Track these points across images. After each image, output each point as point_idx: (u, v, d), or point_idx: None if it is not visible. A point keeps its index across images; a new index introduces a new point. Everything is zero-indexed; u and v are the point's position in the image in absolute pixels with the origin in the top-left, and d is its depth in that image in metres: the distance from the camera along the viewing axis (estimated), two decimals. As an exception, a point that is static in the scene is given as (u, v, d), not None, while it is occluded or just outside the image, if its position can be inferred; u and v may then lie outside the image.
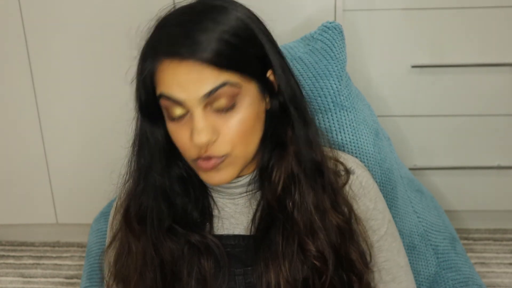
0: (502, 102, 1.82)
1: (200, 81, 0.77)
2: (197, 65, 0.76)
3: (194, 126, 0.77)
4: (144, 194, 0.88)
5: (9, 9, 1.74)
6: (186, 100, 0.77)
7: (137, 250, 0.88)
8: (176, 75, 0.77)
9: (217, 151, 0.79)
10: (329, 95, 1.11)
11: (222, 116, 0.79)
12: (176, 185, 0.88)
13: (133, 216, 0.88)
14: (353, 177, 0.93)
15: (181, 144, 0.81)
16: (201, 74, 0.77)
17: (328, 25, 1.17)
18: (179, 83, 0.77)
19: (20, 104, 1.85)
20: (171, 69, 0.78)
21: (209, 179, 0.83)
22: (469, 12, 1.71)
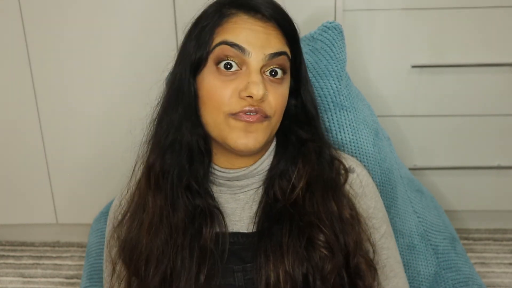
0: (502, 102, 1.82)
1: (269, 41, 0.83)
2: (274, 28, 0.84)
3: (253, 79, 0.81)
4: (170, 149, 0.88)
5: (9, 9, 1.74)
6: (252, 53, 0.82)
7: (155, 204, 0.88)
8: (251, 29, 0.82)
9: (264, 107, 0.83)
10: (329, 95, 1.11)
11: (271, 84, 0.84)
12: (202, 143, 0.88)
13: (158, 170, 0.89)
14: (353, 176, 0.94)
15: (221, 99, 0.82)
16: (272, 35, 0.83)
17: (328, 25, 1.17)
18: (251, 35, 0.82)
19: (20, 104, 1.85)
20: (247, 22, 0.83)
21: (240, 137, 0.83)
22: (469, 12, 1.71)
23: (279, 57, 0.83)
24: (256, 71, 0.82)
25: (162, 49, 1.75)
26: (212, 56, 0.83)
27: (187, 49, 0.86)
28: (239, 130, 0.83)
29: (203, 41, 0.84)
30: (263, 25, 0.83)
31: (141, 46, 1.76)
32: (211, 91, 0.83)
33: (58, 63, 1.79)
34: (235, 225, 0.92)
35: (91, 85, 1.81)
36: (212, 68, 0.83)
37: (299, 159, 0.90)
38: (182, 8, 1.71)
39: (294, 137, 0.91)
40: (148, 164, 0.91)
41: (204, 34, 0.84)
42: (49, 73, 1.81)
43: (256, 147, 0.84)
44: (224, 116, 0.83)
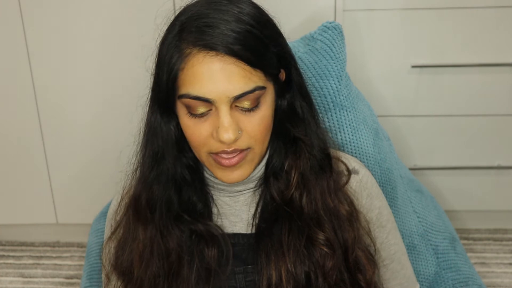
0: (502, 102, 1.81)
1: (232, 81, 0.78)
2: (231, 61, 0.77)
3: (221, 124, 0.79)
4: (155, 182, 0.88)
5: (9, 9, 1.74)
6: (216, 100, 0.78)
7: (145, 237, 0.89)
8: (208, 71, 0.77)
9: (241, 145, 0.82)
10: (329, 95, 1.11)
11: (246, 114, 0.81)
12: (187, 173, 0.89)
13: (144, 203, 0.89)
14: (357, 177, 0.94)
15: (198, 140, 0.82)
16: (233, 74, 0.78)
17: (328, 25, 1.17)
18: (210, 81, 0.77)
19: (20, 104, 1.85)
20: (203, 64, 0.77)
21: (225, 176, 0.84)
22: (469, 12, 1.71)
23: (246, 96, 0.79)
24: (224, 114, 0.79)
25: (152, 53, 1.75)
26: (180, 102, 0.81)
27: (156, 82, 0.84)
28: (223, 169, 0.84)
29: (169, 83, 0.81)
30: (221, 63, 0.77)
31: (142, 46, 1.76)
32: (188, 132, 0.83)
33: (58, 63, 1.79)
34: (235, 226, 0.92)
35: (91, 85, 1.81)
36: (183, 109, 0.82)
37: (290, 157, 0.90)
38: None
39: (285, 136, 0.90)
40: (134, 196, 0.91)
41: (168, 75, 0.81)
42: (49, 73, 1.81)
43: (245, 178, 0.85)
44: (205, 154, 0.84)
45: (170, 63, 0.80)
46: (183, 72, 0.79)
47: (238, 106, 0.80)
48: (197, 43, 0.78)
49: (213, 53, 0.77)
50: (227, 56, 0.77)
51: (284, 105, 0.88)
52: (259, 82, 0.80)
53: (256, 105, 0.81)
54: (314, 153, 0.90)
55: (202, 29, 0.78)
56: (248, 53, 0.78)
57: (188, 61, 0.78)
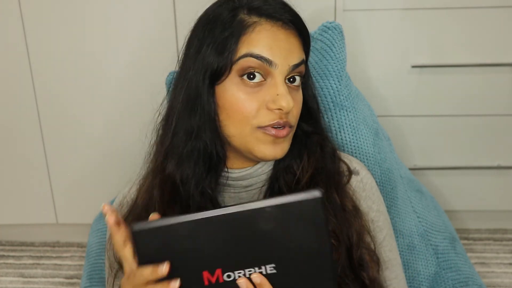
0: (502, 102, 1.82)
1: (292, 51, 0.83)
2: (294, 35, 0.84)
3: (280, 92, 0.81)
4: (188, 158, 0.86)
5: (9, 9, 1.74)
6: (278, 65, 0.81)
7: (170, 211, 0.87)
8: (275, 39, 0.82)
9: (291, 119, 0.84)
10: (329, 95, 1.11)
11: (291, 92, 0.84)
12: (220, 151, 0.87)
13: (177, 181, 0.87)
14: (357, 178, 0.94)
15: (250, 111, 0.81)
16: (294, 44, 0.84)
17: (328, 25, 1.17)
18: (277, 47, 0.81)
19: (20, 105, 1.85)
20: (271, 32, 0.82)
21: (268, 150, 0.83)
22: (469, 12, 1.71)
23: (300, 66, 0.84)
24: (282, 83, 0.81)
25: (163, 50, 1.75)
26: (236, 67, 0.81)
27: (204, 56, 0.83)
28: (268, 143, 0.83)
29: (226, 51, 0.81)
30: (285, 33, 0.83)
31: (143, 47, 1.76)
32: (236, 104, 0.82)
33: (58, 63, 1.79)
34: None
35: (91, 85, 1.81)
36: (235, 79, 0.81)
37: (304, 153, 0.91)
38: (182, 10, 1.71)
39: (299, 131, 0.91)
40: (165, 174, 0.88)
41: (226, 44, 0.81)
42: (49, 73, 1.81)
43: (283, 155, 0.86)
44: (252, 129, 0.82)
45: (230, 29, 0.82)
46: (246, 36, 0.81)
47: (287, 83, 0.84)
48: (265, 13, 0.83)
49: (280, 23, 0.83)
50: (291, 29, 0.84)
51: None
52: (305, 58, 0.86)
53: (299, 84, 0.86)
54: (325, 149, 0.92)
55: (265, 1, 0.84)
56: (305, 30, 0.86)
57: (254, 28, 0.82)
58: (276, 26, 0.82)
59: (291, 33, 0.84)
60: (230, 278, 0.68)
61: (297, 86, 0.85)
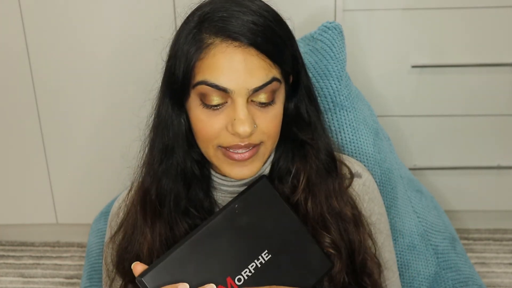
0: (502, 102, 1.82)
1: (252, 73, 0.77)
2: (253, 53, 0.77)
3: (238, 116, 0.77)
4: (165, 175, 0.87)
5: (9, 9, 1.74)
6: (235, 90, 0.77)
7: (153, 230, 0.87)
8: (231, 62, 0.77)
9: (254, 140, 0.81)
10: (329, 95, 1.11)
11: (261, 110, 0.80)
12: (196, 168, 0.87)
13: (154, 197, 0.88)
14: (360, 181, 0.94)
15: (210, 133, 0.81)
16: (254, 65, 0.77)
17: (328, 25, 1.17)
18: (233, 71, 0.77)
19: (20, 104, 1.85)
20: (226, 54, 0.77)
21: (234, 171, 0.83)
22: (469, 12, 1.71)
23: (265, 87, 0.78)
24: (241, 106, 0.78)
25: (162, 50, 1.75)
26: (195, 91, 0.80)
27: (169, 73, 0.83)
28: (232, 165, 0.82)
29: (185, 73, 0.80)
30: (242, 53, 0.77)
31: (143, 47, 1.76)
32: (198, 125, 0.81)
33: (58, 62, 1.79)
34: None
35: (91, 85, 1.81)
36: (197, 100, 0.80)
37: (298, 161, 0.90)
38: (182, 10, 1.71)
39: (292, 139, 0.90)
40: (143, 188, 0.89)
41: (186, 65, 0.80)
42: (49, 73, 1.81)
43: (253, 175, 0.84)
44: (214, 148, 0.82)
45: (188, 53, 0.79)
46: (202, 61, 0.78)
47: (254, 101, 0.79)
48: (221, 33, 0.77)
49: (237, 44, 0.77)
50: (250, 47, 0.77)
51: (291, 108, 0.88)
52: (277, 75, 0.80)
53: (272, 100, 0.81)
54: (320, 157, 0.90)
55: (225, 19, 0.78)
56: (270, 47, 0.78)
57: (209, 51, 0.78)
58: (231, 46, 0.77)
59: (251, 53, 0.77)
60: (241, 281, 0.73)
61: (267, 104, 0.81)
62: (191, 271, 0.71)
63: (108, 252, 0.95)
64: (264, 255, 0.74)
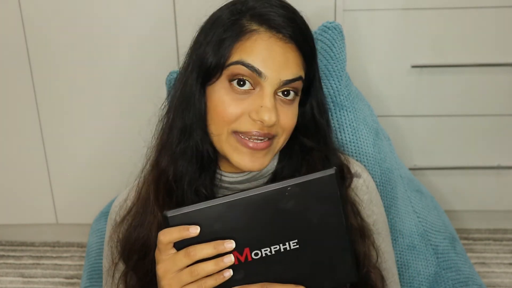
0: (502, 102, 1.82)
1: (287, 65, 0.81)
2: (293, 49, 0.81)
3: (265, 104, 0.79)
4: (182, 156, 0.87)
5: (9, 9, 1.74)
6: (268, 77, 0.79)
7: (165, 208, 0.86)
8: (271, 51, 0.80)
9: (272, 130, 0.82)
10: (329, 95, 1.11)
11: (282, 105, 0.83)
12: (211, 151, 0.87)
13: (170, 177, 0.87)
14: (359, 182, 0.94)
15: (230, 115, 0.81)
16: (290, 58, 0.81)
17: (328, 25, 1.17)
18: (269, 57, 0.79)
19: (20, 104, 1.85)
20: (267, 43, 0.80)
21: (244, 161, 0.83)
22: (469, 12, 1.71)
23: (294, 82, 0.82)
24: (269, 95, 0.80)
25: (164, 50, 1.75)
26: (227, 72, 0.81)
27: (200, 55, 0.84)
28: (245, 154, 0.82)
29: (220, 54, 0.81)
30: (283, 46, 0.81)
31: (143, 47, 1.76)
32: (220, 107, 0.81)
33: (58, 62, 1.79)
34: None
35: (91, 85, 1.82)
36: (225, 83, 0.81)
37: (303, 168, 0.89)
38: (182, 10, 1.71)
39: (298, 146, 0.90)
40: (159, 169, 0.89)
41: (221, 46, 0.81)
42: (49, 73, 1.81)
43: (262, 169, 0.84)
44: (228, 133, 0.82)
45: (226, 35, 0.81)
46: (242, 43, 0.80)
47: (279, 96, 0.82)
48: (266, 23, 0.81)
49: (280, 36, 0.80)
50: (290, 43, 0.81)
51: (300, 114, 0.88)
52: (303, 75, 0.84)
53: (293, 99, 0.83)
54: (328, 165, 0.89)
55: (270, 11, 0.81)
56: (307, 47, 0.83)
57: (252, 36, 0.80)
58: (274, 37, 0.80)
59: (290, 48, 0.81)
60: (258, 256, 0.72)
61: (290, 100, 0.83)
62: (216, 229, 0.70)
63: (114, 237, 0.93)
64: (292, 243, 0.73)
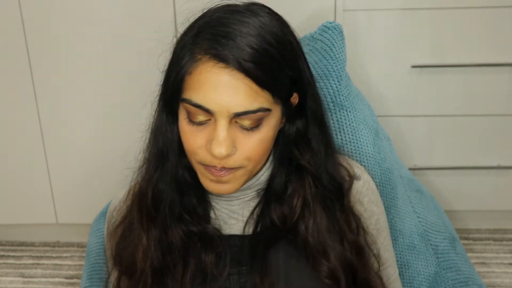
0: (502, 102, 1.82)
1: (236, 98, 0.75)
2: (240, 77, 0.75)
3: (217, 137, 0.77)
4: (160, 181, 0.88)
5: (9, 9, 1.74)
6: (216, 111, 0.76)
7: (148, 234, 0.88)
8: (217, 82, 0.75)
9: (232, 164, 0.79)
10: (329, 95, 1.11)
11: (244, 133, 0.79)
12: (187, 175, 0.88)
13: (149, 202, 0.88)
14: (360, 183, 0.94)
15: (193, 148, 0.80)
16: (240, 90, 0.75)
17: (328, 25, 1.17)
18: (217, 92, 0.75)
19: (20, 104, 1.85)
20: (212, 73, 0.75)
21: (212, 187, 0.83)
22: (469, 12, 1.71)
23: (248, 115, 0.76)
24: (222, 127, 0.76)
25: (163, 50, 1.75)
26: (181, 106, 0.80)
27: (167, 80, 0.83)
28: (211, 181, 0.82)
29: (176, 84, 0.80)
30: (230, 76, 0.74)
31: (142, 47, 1.76)
32: (183, 137, 0.82)
33: (58, 62, 1.79)
34: (231, 228, 0.92)
35: (91, 85, 1.82)
36: (184, 114, 0.80)
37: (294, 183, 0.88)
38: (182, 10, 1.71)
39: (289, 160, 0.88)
40: (140, 192, 0.90)
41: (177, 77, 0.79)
42: (49, 73, 1.81)
43: (232, 192, 0.84)
44: (195, 161, 0.82)
45: (180, 64, 0.79)
46: (190, 77, 0.78)
47: (238, 122, 0.78)
48: (209, 51, 0.76)
49: (223, 65, 0.75)
50: (236, 71, 0.74)
51: (292, 130, 0.86)
52: (265, 103, 0.77)
53: (257, 126, 0.78)
54: (320, 183, 0.88)
55: (218, 38, 0.76)
56: (259, 73, 0.75)
57: (197, 67, 0.77)
58: (218, 67, 0.75)
59: (238, 78, 0.75)
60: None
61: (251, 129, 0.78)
62: None
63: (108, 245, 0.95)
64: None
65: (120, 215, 0.94)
